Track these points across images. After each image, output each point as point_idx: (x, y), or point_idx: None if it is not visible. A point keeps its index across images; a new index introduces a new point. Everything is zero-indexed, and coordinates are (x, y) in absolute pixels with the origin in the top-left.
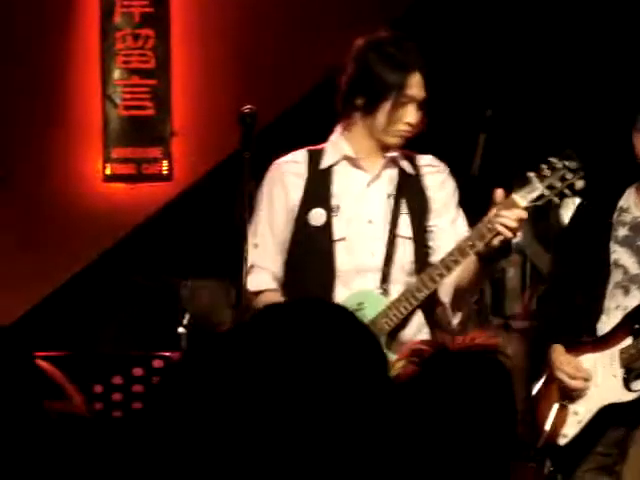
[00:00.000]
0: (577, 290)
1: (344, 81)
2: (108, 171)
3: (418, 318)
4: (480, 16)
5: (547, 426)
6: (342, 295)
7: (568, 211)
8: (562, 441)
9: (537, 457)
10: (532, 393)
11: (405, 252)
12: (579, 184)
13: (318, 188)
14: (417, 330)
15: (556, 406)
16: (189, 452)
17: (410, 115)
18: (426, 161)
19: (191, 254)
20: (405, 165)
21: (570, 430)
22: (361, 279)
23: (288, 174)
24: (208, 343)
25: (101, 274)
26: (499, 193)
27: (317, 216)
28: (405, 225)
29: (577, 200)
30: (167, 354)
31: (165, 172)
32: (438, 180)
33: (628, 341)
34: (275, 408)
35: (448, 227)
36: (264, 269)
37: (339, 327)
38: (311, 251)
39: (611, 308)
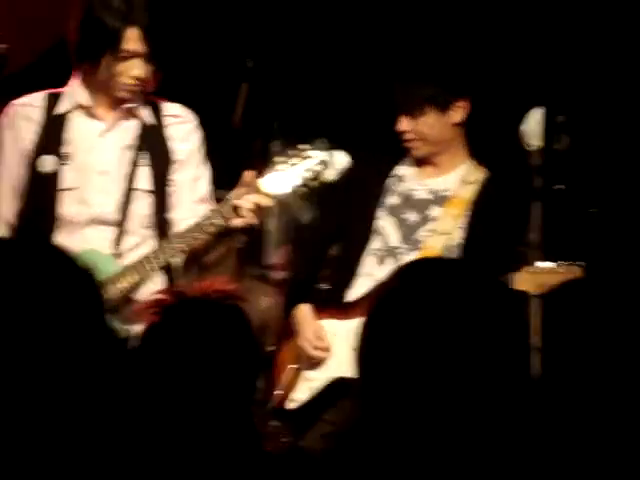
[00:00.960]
0: (329, 248)
1: (72, 28)
2: None
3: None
4: None
5: (279, 389)
6: (65, 245)
7: (333, 170)
8: (291, 405)
9: (268, 418)
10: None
11: (143, 205)
12: (329, 176)
13: (50, 134)
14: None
15: (291, 368)
16: None
17: (134, 70)
18: (171, 111)
19: None
20: (146, 115)
21: (301, 395)
22: (92, 231)
23: (20, 117)
24: None
25: None
26: (248, 175)
27: (46, 163)
28: (144, 177)
29: (344, 160)
30: None
31: None
32: (183, 131)
33: None
34: None
35: (188, 184)
36: None
37: (53, 268)
38: (37, 199)
39: (362, 274)
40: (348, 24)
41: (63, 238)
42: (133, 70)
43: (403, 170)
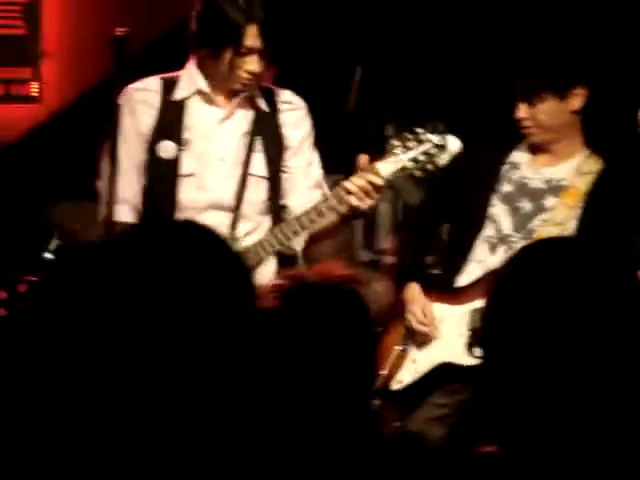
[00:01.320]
0: (438, 231)
1: (193, 17)
2: None
3: (267, 266)
4: None
5: (385, 369)
6: None
7: (447, 154)
8: (396, 386)
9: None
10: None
11: (258, 191)
12: (442, 160)
13: (170, 120)
14: (265, 276)
15: (396, 349)
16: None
17: (250, 65)
18: (284, 97)
19: (59, 178)
20: (261, 103)
21: (406, 377)
22: (209, 216)
23: (138, 102)
24: (73, 260)
25: None
26: (363, 159)
27: (166, 148)
28: (259, 164)
29: (456, 145)
30: (32, 279)
31: (34, 94)
32: (295, 117)
33: (481, 303)
34: (138, 329)
35: (302, 170)
36: (123, 199)
37: (207, 251)
38: (157, 184)
39: (474, 261)
40: (465, 9)
41: None
42: (249, 65)
43: (518, 157)
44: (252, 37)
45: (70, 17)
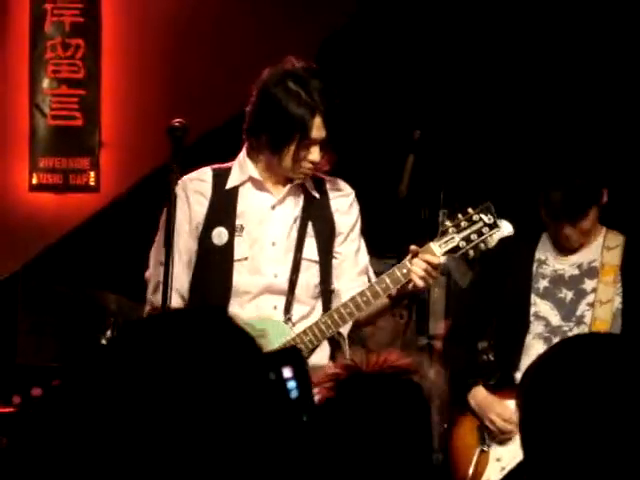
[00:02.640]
0: (486, 329)
1: (249, 112)
2: (34, 180)
3: (321, 349)
4: (404, 38)
5: (470, 471)
6: (238, 314)
7: (497, 233)
8: None
9: None
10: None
11: (310, 275)
12: (494, 239)
13: (222, 207)
14: (320, 359)
15: (477, 450)
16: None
17: (313, 155)
18: (333, 185)
19: (116, 267)
20: (312, 189)
21: (493, 476)
22: (263, 299)
23: (192, 192)
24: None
25: (25, 284)
26: (413, 249)
27: (220, 235)
28: (311, 248)
29: (508, 227)
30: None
31: (92, 183)
32: (345, 204)
33: None
34: (162, 418)
35: (352, 256)
36: (174, 289)
37: (232, 345)
38: (212, 270)
39: (531, 356)
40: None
41: (236, 308)
42: (312, 155)
43: (542, 253)
44: (317, 128)
45: (127, 107)
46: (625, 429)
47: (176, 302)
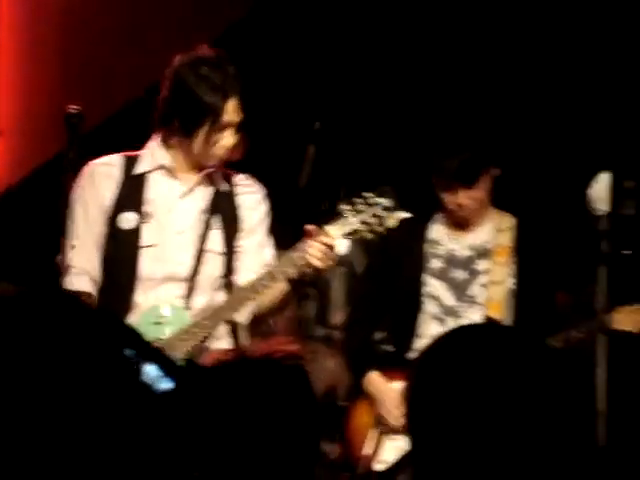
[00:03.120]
0: (383, 317)
1: (160, 98)
2: None
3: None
4: (306, 31)
5: (366, 451)
6: (142, 302)
7: (394, 216)
8: (379, 467)
9: None
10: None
11: (214, 266)
12: (391, 222)
13: (131, 193)
14: (217, 340)
15: (374, 431)
16: None
17: (226, 139)
18: (242, 180)
19: (10, 254)
20: (221, 182)
21: (388, 456)
22: (166, 287)
23: (100, 175)
24: None
25: None
26: (311, 227)
27: (127, 220)
28: (216, 240)
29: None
30: None
31: None
32: (253, 200)
33: None
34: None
35: (254, 250)
36: (81, 270)
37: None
38: (117, 255)
39: (424, 336)
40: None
41: (140, 293)
42: (226, 140)
43: (435, 233)
44: (230, 112)
45: (25, 95)
46: (507, 420)
47: (85, 286)
